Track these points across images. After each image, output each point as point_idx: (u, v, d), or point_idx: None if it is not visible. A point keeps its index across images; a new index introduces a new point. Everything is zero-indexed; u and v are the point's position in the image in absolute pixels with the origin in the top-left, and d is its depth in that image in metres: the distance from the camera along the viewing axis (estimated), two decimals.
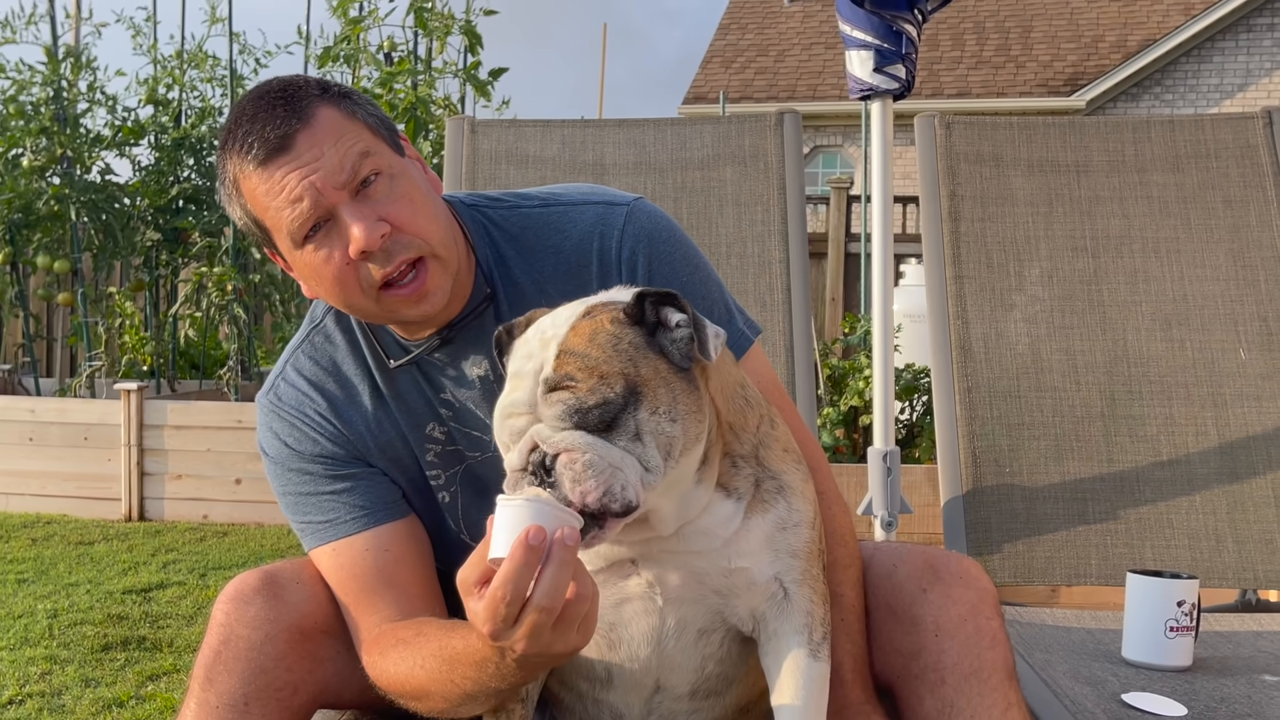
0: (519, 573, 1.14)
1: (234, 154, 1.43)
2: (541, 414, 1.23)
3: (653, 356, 1.26)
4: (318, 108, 1.42)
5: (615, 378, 1.22)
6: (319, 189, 1.39)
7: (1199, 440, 2.67)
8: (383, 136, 1.47)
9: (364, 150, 1.42)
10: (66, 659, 3.54)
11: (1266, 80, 17.08)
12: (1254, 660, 2.14)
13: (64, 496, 5.97)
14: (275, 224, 1.43)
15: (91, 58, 7.18)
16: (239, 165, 1.42)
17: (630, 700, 1.46)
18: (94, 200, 6.90)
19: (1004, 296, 2.81)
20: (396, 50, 6.86)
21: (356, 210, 1.40)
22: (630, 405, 1.22)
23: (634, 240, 1.57)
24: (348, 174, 1.40)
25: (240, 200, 1.45)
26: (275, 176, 1.40)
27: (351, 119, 1.44)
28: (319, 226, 1.42)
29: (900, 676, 1.53)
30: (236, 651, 1.50)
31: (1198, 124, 2.94)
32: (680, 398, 1.26)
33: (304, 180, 1.39)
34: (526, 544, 1.13)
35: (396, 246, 1.42)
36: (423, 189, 1.48)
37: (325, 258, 1.43)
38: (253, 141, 1.40)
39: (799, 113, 3.08)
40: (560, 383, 1.22)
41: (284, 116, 1.40)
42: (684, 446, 1.25)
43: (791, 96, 17.87)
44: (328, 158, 1.40)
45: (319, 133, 1.40)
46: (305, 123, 1.40)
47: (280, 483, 1.61)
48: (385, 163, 1.44)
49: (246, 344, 7.05)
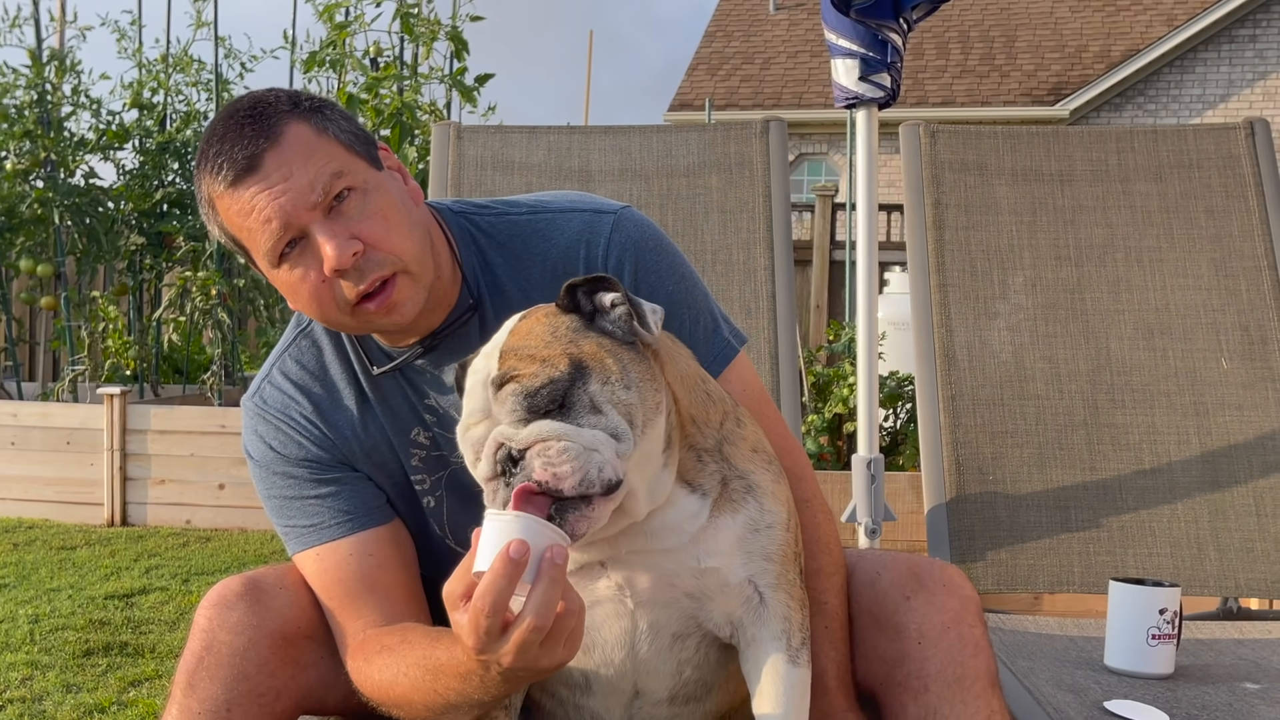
0: (499, 585, 1.13)
1: (206, 174, 1.42)
2: (496, 415, 1.24)
3: (594, 335, 1.27)
4: (287, 125, 1.41)
5: (558, 358, 1.23)
6: (288, 210, 1.38)
7: (1181, 449, 2.68)
8: (357, 151, 1.45)
9: (336, 170, 1.41)
10: (48, 664, 3.52)
11: (1248, 91, 17.18)
12: (1235, 668, 2.15)
13: (46, 501, 5.94)
14: (251, 244, 1.43)
15: (76, 61, 7.15)
16: (211, 185, 1.42)
17: (610, 706, 1.46)
18: (78, 204, 6.87)
19: (988, 305, 2.82)
20: (382, 56, 6.86)
21: (329, 229, 1.40)
22: (579, 380, 1.23)
23: (620, 248, 1.58)
24: (318, 194, 1.39)
25: (218, 219, 1.45)
26: (245, 197, 1.39)
27: (322, 135, 1.42)
28: (294, 244, 1.41)
29: (883, 684, 1.53)
30: (219, 657, 1.50)
31: (1180, 134, 2.96)
32: (630, 366, 1.26)
33: (273, 201, 1.38)
34: (508, 557, 1.12)
35: (369, 264, 1.41)
36: (398, 203, 1.46)
37: (301, 276, 1.43)
38: (223, 162, 1.39)
39: (784, 120, 3.09)
40: (505, 378, 1.23)
41: (252, 136, 1.39)
42: (645, 415, 1.25)
43: (777, 104, 17.90)
44: (297, 177, 1.39)
45: (287, 152, 1.39)
46: (273, 142, 1.39)
47: (265, 486, 1.60)
48: (359, 179, 1.43)
49: (230, 349, 7.02)
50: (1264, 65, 17.19)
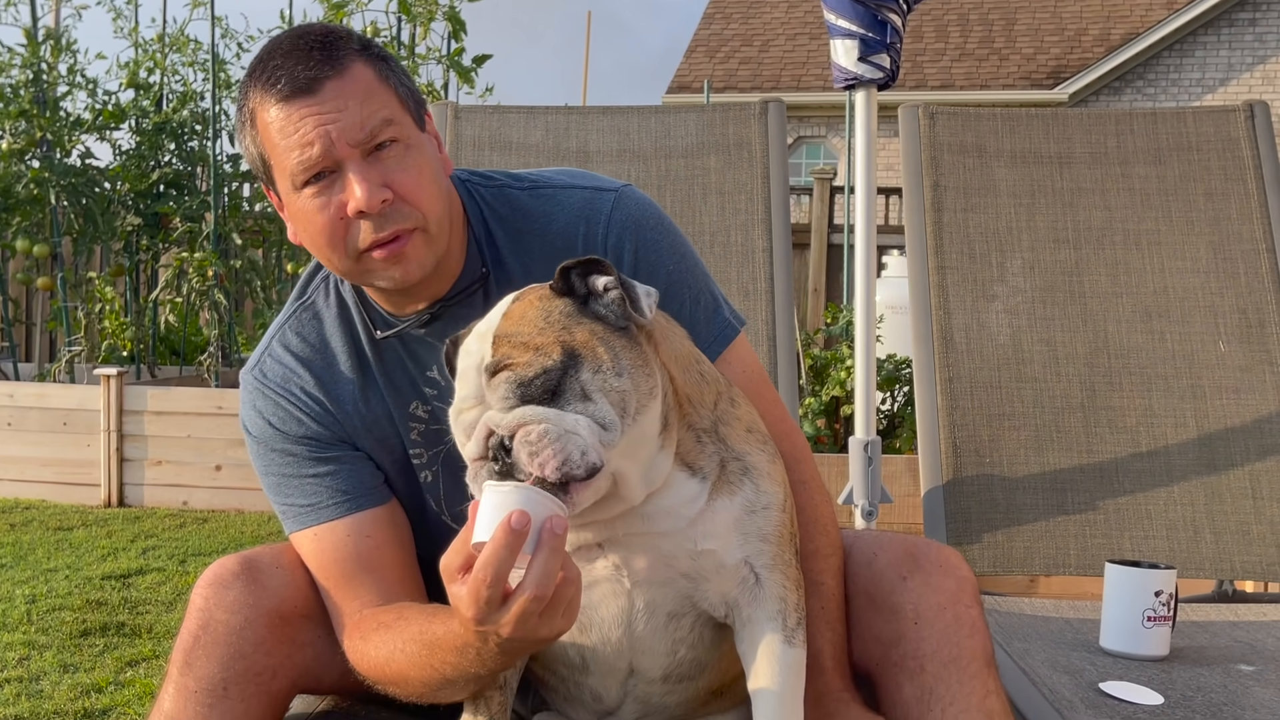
0: (500, 555, 1.13)
1: (259, 85, 1.43)
2: (488, 401, 1.24)
3: (587, 321, 1.27)
4: (354, 62, 1.43)
5: (551, 346, 1.23)
6: (333, 139, 1.39)
7: (1178, 432, 2.69)
8: (409, 107, 1.47)
9: (387, 117, 1.42)
10: (45, 645, 3.52)
11: (1248, 75, 17.15)
12: (1230, 650, 2.15)
13: (43, 482, 5.94)
14: (280, 163, 1.43)
15: (72, 40, 7.13)
16: (260, 97, 1.42)
17: (606, 684, 1.46)
18: (74, 184, 6.85)
19: (986, 287, 2.81)
20: (380, 36, 6.84)
21: (363, 170, 1.41)
22: (571, 369, 1.23)
23: (621, 227, 1.57)
24: (365, 134, 1.40)
25: (253, 132, 1.45)
26: (294, 116, 1.40)
27: (384, 82, 1.44)
28: (322, 175, 1.42)
29: (879, 664, 1.53)
30: (215, 636, 1.50)
31: (1179, 117, 2.95)
32: (622, 353, 1.26)
33: (320, 127, 1.39)
34: (509, 527, 1.12)
35: (393, 214, 1.42)
36: (433, 166, 1.48)
37: (320, 206, 1.43)
38: (281, 76, 1.40)
39: (783, 102, 3.08)
40: (499, 365, 1.23)
41: (319, 61, 1.40)
42: (638, 402, 1.25)
43: (776, 87, 17.85)
44: (350, 112, 1.40)
45: (348, 86, 1.41)
46: (338, 72, 1.41)
47: (263, 463, 1.60)
48: (405, 133, 1.44)
49: (227, 330, 7.02)
50: (1263, 49, 17.16)
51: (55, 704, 3.05)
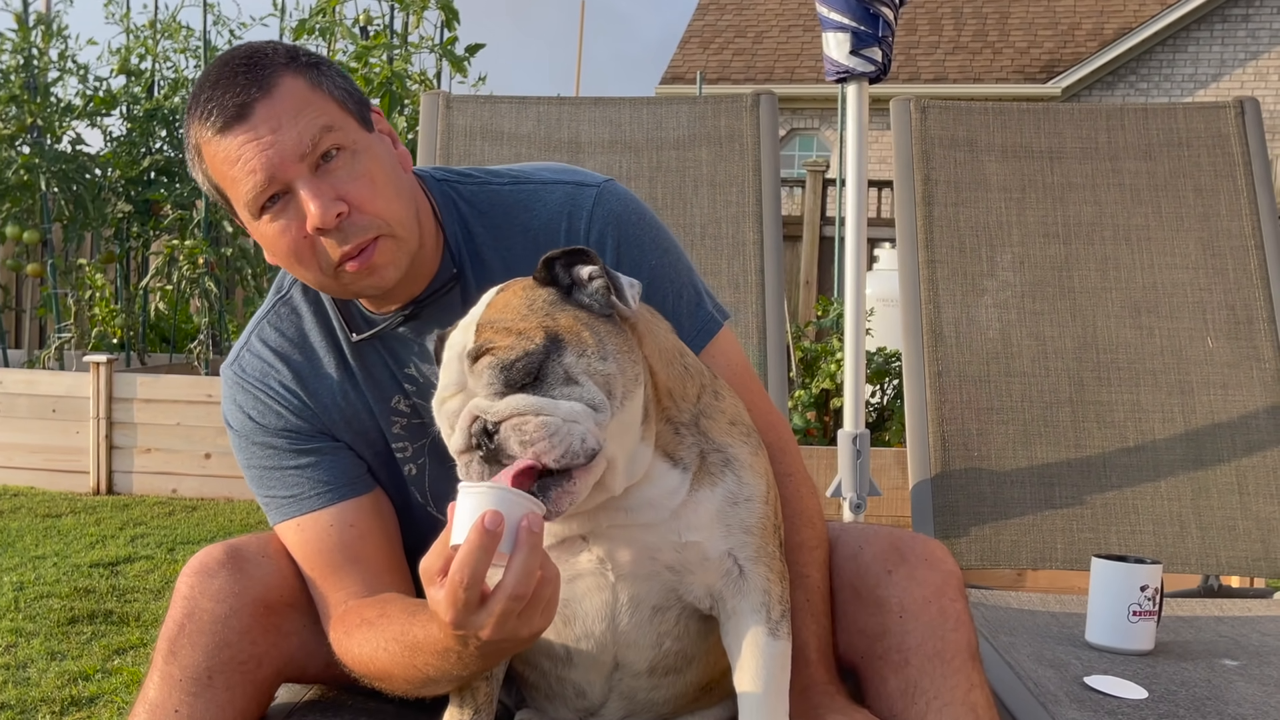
0: (476, 556, 1.13)
1: (195, 120, 1.41)
2: (472, 387, 1.24)
3: (571, 308, 1.27)
4: (281, 77, 1.39)
5: (534, 331, 1.23)
6: (275, 162, 1.37)
7: (1165, 427, 2.69)
8: (350, 110, 1.44)
9: (326, 124, 1.39)
10: (32, 632, 3.52)
11: (1240, 70, 17.18)
12: (1214, 645, 2.16)
13: (31, 469, 5.93)
14: (234, 193, 1.42)
15: (63, 26, 7.09)
16: (200, 131, 1.41)
17: (591, 678, 1.46)
18: (64, 170, 6.83)
19: (976, 282, 2.82)
20: (372, 24, 6.82)
21: (314, 186, 1.38)
22: (554, 353, 1.22)
23: (603, 222, 1.57)
24: (306, 147, 1.38)
25: (203, 166, 1.44)
26: (232, 145, 1.38)
27: (316, 90, 1.41)
28: (276, 198, 1.40)
29: (864, 657, 1.53)
30: (200, 625, 1.50)
31: (1170, 112, 2.95)
32: (607, 338, 1.26)
33: (260, 153, 1.37)
34: (483, 529, 1.12)
35: (353, 227, 1.41)
36: (386, 167, 1.45)
37: (281, 229, 1.42)
38: (212, 108, 1.38)
39: (775, 94, 3.07)
40: (481, 350, 1.23)
41: (245, 85, 1.38)
42: (624, 387, 1.25)
43: (769, 78, 17.84)
44: (286, 130, 1.37)
45: (279, 103, 1.38)
46: (266, 92, 1.38)
47: (245, 456, 1.60)
48: (349, 138, 1.42)
49: (218, 318, 7.00)
50: (1256, 45, 17.18)
51: (42, 691, 3.04)
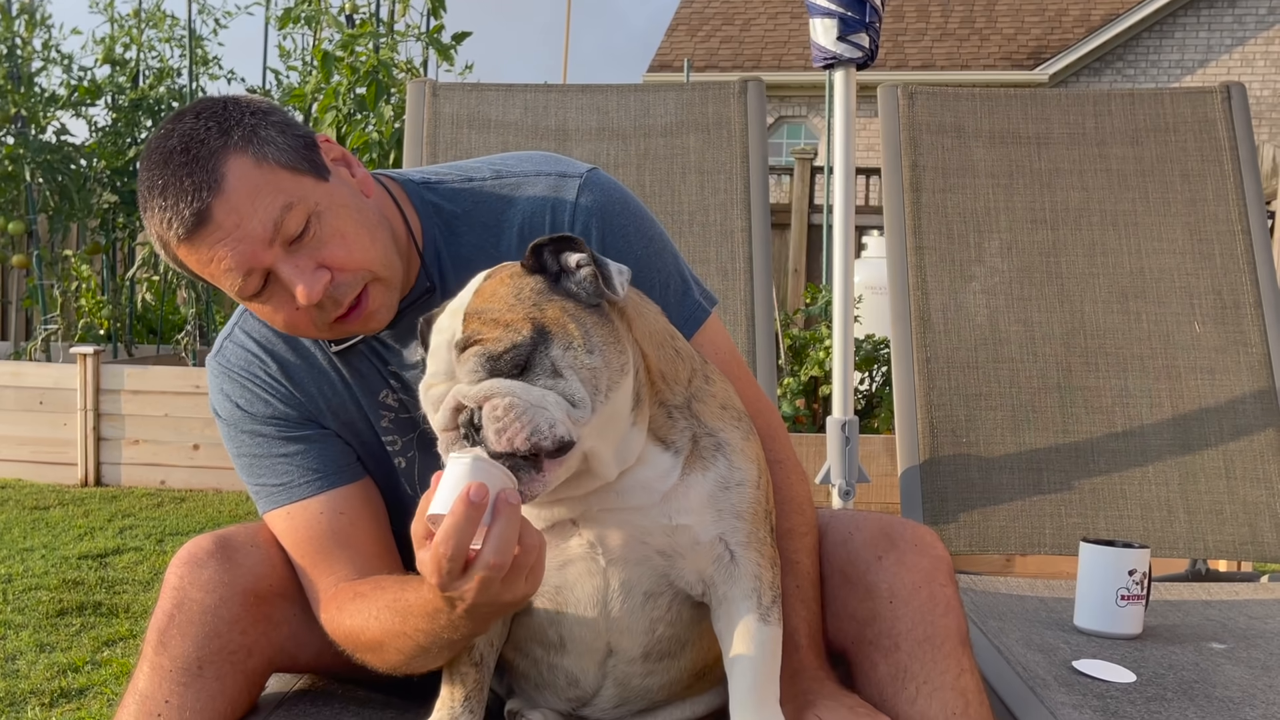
0: (460, 528, 1.15)
1: (155, 224, 1.38)
2: (458, 376, 1.24)
3: (558, 298, 1.27)
4: (226, 165, 1.35)
5: (521, 323, 1.23)
6: (247, 256, 1.36)
7: (1153, 412, 2.70)
8: (301, 169, 1.40)
9: (285, 204, 1.36)
10: (21, 624, 3.51)
11: (1226, 56, 17.20)
12: (1202, 628, 2.17)
13: (19, 461, 5.91)
14: (218, 285, 1.41)
15: (46, 15, 7.06)
16: (164, 235, 1.38)
17: (584, 664, 1.46)
18: (49, 161, 6.79)
19: (964, 268, 2.82)
20: (358, 12, 6.78)
21: (294, 265, 1.37)
22: (541, 345, 1.23)
23: (587, 213, 1.56)
24: (272, 231, 1.36)
25: (175, 258, 1.41)
26: (203, 249, 1.36)
27: (262, 165, 1.37)
28: (262, 284, 1.40)
29: (854, 642, 1.54)
30: (190, 615, 1.50)
31: (1157, 98, 2.96)
32: (593, 330, 1.26)
33: (231, 252, 1.35)
34: (468, 500, 1.14)
35: (340, 288, 1.40)
36: (353, 213, 1.43)
37: (274, 310, 1.43)
38: (170, 219, 1.35)
39: (763, 81, 3.07)
40: (469, 341, 1.24)
41: (193, 189, 1.34)
42: (610, 379, 1.25)
43: (757, 66, 17.82)
44: (248, 221, 1.35)
45: (234, 197, 1.34)
46: (216, 191, 1.34)
47: (234, 444, 1.60)
48: (310, 203, 1.38)
49: (205, 309, 6.98)
50: (1242, 31, 17.21)
51: (31, 683, 3.04)
